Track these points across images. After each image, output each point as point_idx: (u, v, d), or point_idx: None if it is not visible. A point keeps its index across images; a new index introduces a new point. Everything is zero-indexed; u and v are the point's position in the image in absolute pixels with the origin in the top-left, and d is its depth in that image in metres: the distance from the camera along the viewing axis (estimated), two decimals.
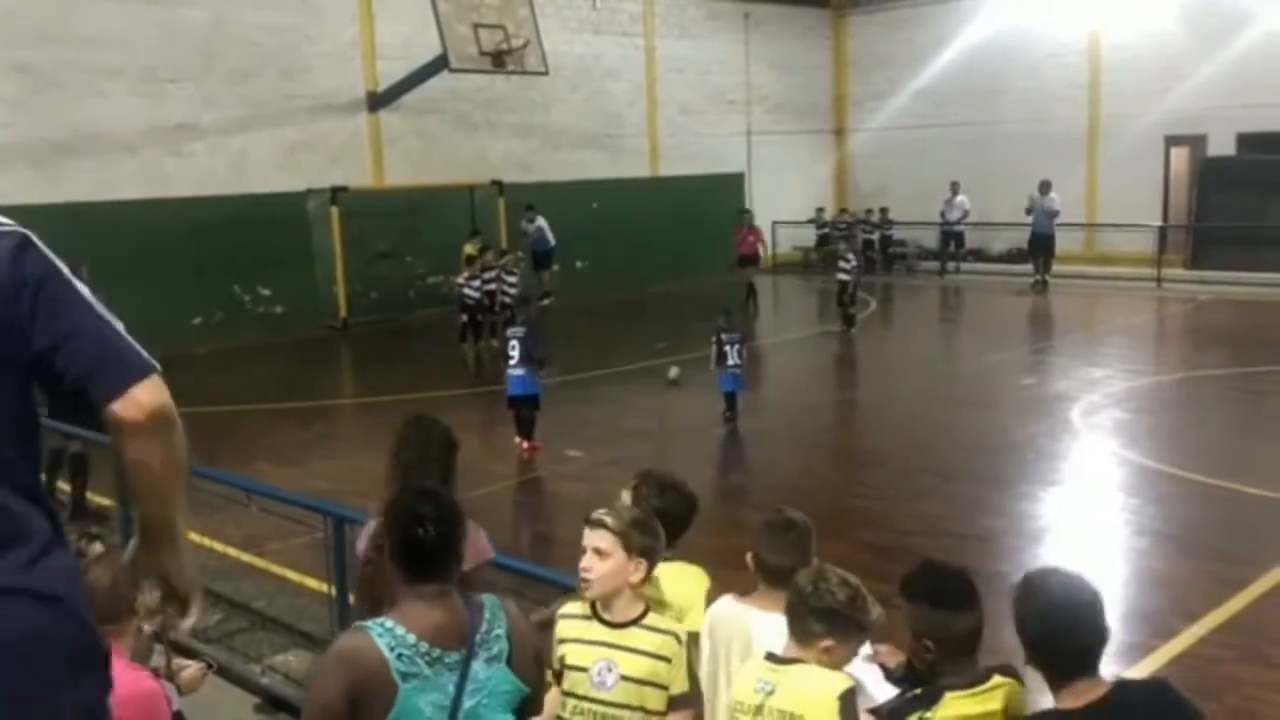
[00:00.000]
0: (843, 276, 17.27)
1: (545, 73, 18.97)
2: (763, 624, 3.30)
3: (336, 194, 18.04)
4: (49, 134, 15.65)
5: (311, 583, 6.60)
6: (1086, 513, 8.64)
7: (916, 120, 25.31)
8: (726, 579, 3.57)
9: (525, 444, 10.41)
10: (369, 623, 2.73)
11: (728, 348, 11.23)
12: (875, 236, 24.82)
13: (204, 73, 17.03)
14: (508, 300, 16.38)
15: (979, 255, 24.61)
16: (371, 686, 2.63)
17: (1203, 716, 2.73)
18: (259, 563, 7.60)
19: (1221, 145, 22.05)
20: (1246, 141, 21.71)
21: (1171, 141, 22.80)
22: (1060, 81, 23.59)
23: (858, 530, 8.22)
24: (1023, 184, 21.87)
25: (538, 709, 3.05)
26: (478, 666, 2.74)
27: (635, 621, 3.18)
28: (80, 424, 8.62)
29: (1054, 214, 21.57)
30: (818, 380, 15.29)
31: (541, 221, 20.76)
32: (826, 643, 2.94)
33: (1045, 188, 21.61)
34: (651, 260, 22.29)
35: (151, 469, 2.27)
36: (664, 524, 3.38)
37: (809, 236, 25.72)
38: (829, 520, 8.45)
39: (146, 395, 2.21)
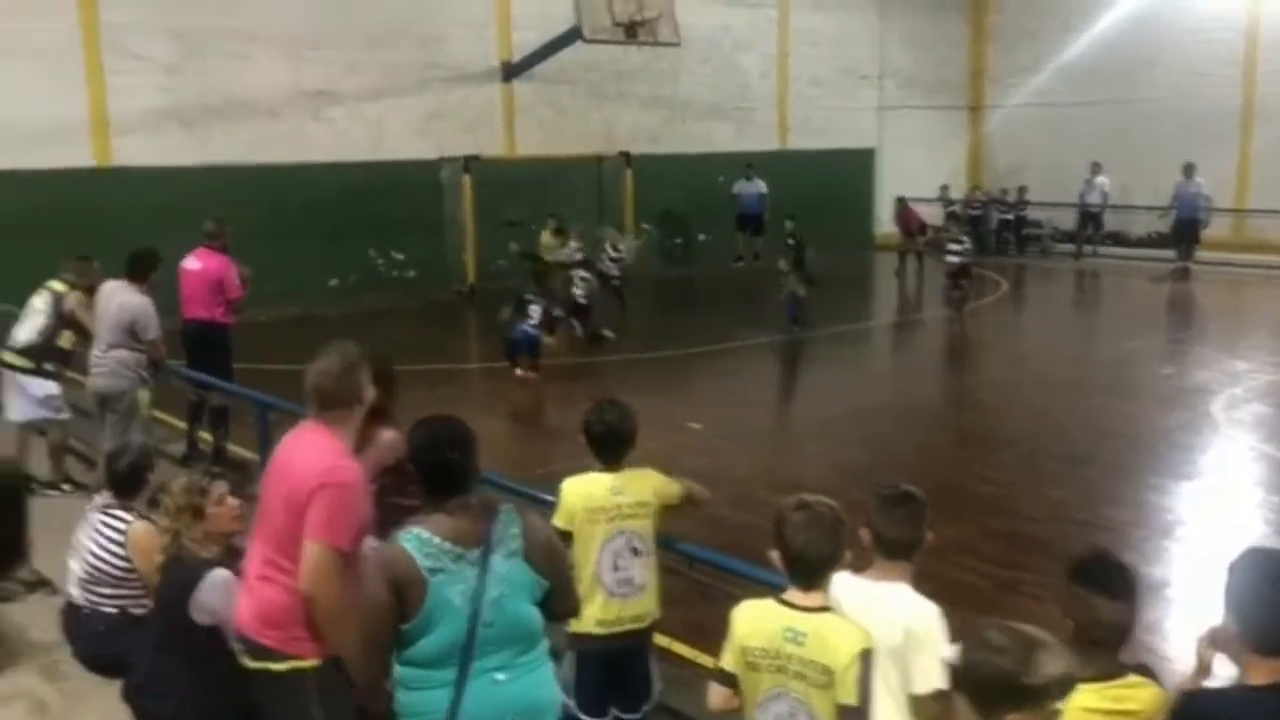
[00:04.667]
0: (952, 259, 16.57)
1: (677, 44, 18.91)
2: (881, 596, 3.33)
3: (469, 162, 18.34)
4: (200, 98, 16.26)
5: None
6: (1221, 509, 8.32)
7: (1057, 97, 24.44)
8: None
9: (521, 371, 12.48)
10: (400, 533, 3.25)
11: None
12: (1010, 217, 24.16)
13: (344, 40, 17.46)
14: (613, 275, 16.31)
15: (1118, 239, 23.73)
16: (406, 580, 3.14)
17: None
18: None
19: None
20: None
21: None
22: (1212, 59, 22.45)
23: (981, 515, 8.10)
24: (1168, 165, 21.05)
25: (567, 606, 3.57)
26: (496, 561, 3.22)
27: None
28: (219, 377, 9.07)
29: (1204, 198, 20.74)
30: (943, 361, 15.04)
31: (760, 185, 21.43)
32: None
33: (1190, 170, 20.78)
34: (777, 233, 22.04)
35: None
36: (618, 439, 4.33)
37: (937, 214, 25.13)
38: (951, 503, 8.35)
39: None
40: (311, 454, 3.54)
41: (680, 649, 5.59)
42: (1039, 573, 7.00)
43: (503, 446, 10.09)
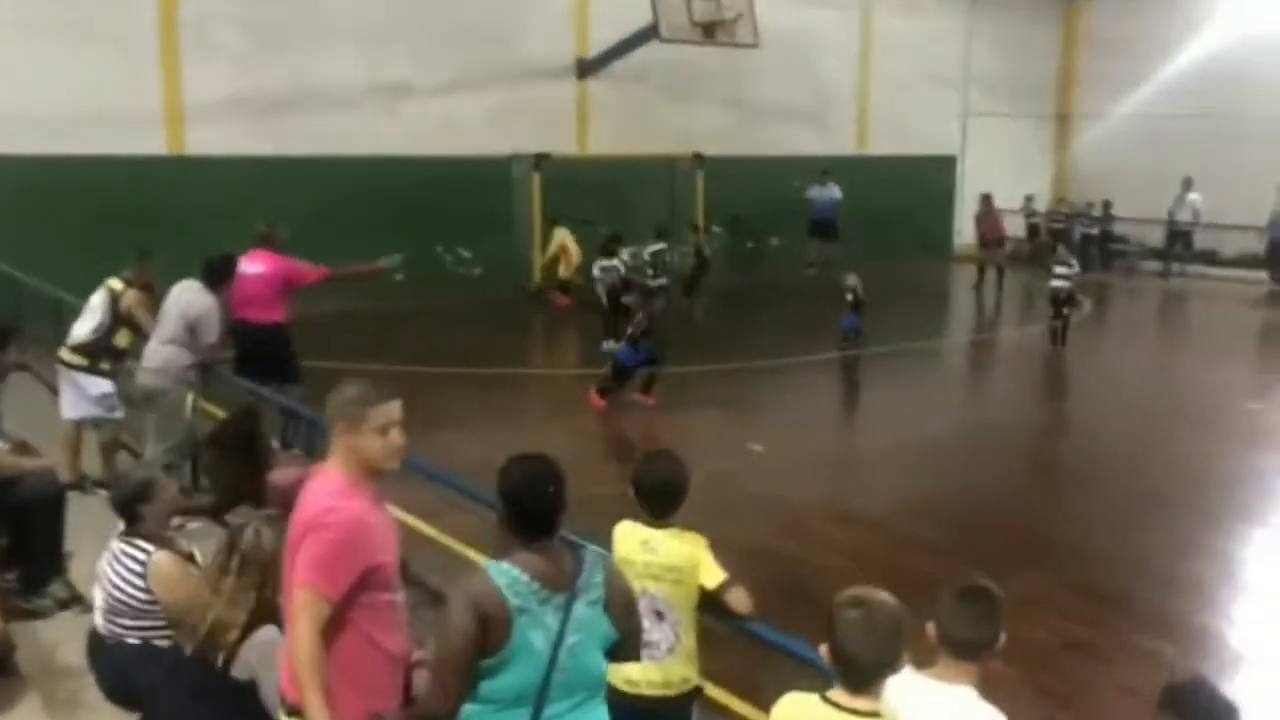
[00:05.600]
0: (1058, 283, 15.26)
1: (756, 45, 18.54)
2: (943, 700, 3.04)
3: (539, 160, 18.15)
4: (274, 88, 16.22)
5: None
6: None
7: (1149, 109, 23.55)
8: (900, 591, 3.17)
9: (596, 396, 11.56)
10: (489, 564, 3.17)
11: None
12: (1095, 232, 23.41)
13: (420, 34, 17.32)
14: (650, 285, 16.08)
15: (1209, 258, 22.83)
16: (494, 616, 3.05)
17: None
18: (437, 536, 7.60)
19: None
20: None
21: None
22: None
23: (1058, 563, 7.67)
24: (1265, 184, 20.26)
25: (630, 655, 3.44)
26: (579, 608, 3.14)
27: None
28: (284, 378, 8.98)
29: None
30: (1019, 388, 14.38)
31: (835, 191, 21.11)
32: None
33: None
34: (851, 241, 21.60)
35: None
36: (666, 494, 4.05)
37: (1019, 225, 24.39)
38: (1026, 550, 7.98)
39: None
40: (309, 498, 3.35)
41: (736, 705, 5.30)
42: (1112, 633, 6.60)
43: (561, 459, 9.85)
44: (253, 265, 9.14)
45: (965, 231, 24.28)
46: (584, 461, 10.18)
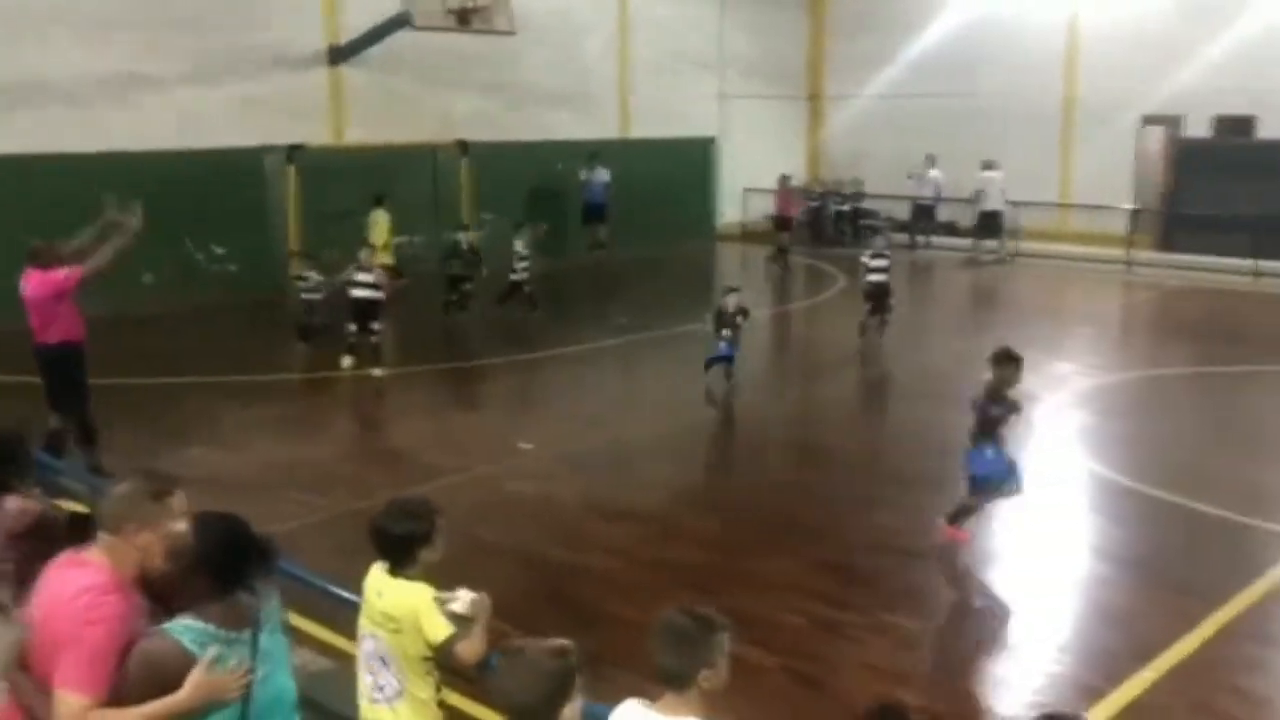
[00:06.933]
0: (875, 278, 14.82)
1: (512, 33, 18.38)
2: None
3: (293, 152, 17.47)
4: None
5: None
6: (1045, 533, 8.40)
7: (894, 90, 24.78)
8: (657, 590, 3.22)
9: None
10: (169, 625, 3.16)
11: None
12: (847, 208, 24.50)
13: (150, 20, 16.27)
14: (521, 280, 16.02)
15: (951, 229, 24.26)
16: (179, 674, 3.07)
17: None
18: None
19: (1198, 128, 21.80)
20: (1223, 125, 21.48)
21: (1147, 122, 22.47)
22: (1038, 57, 23.10)
23: (807, 544, 8.00)
24: (999, 158, 21.82)
25: None
26: (263, 639, 3.25)
27: None
28: (78, 399, 8.97)
29: (981, 192, 22.10)
30: (773, 365, 14.89)
31: (604, 174, 21.35)
32: None
33: (990, 165, 21.92)
34: (618, 224, 21.83)
35: None
36: (386, 542, 3.89)
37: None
38: (778, 532, 8.28)
39: None
40: (69, 589, 3.22)
41: None
42: (861, 612, 6.91)
43: (322, 472, 9.55)
44: (25, 286, 8.92)
45: (726, 212, 24.99)
46: (347, 472, 9.94)
